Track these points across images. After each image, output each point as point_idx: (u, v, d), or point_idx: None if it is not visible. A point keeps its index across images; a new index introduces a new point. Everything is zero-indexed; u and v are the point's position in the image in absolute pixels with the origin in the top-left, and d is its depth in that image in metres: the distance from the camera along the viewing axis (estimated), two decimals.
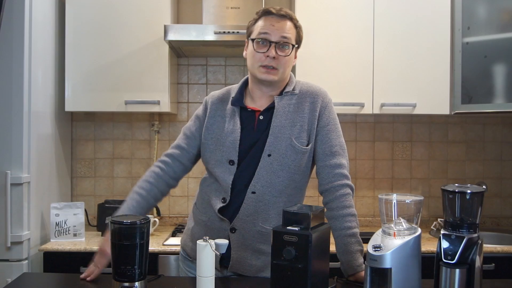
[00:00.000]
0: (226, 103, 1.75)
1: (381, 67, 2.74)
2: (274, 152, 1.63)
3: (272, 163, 1.63)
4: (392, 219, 1.35)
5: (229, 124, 1.70)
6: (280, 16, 1.65)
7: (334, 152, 1.67)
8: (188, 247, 1.78)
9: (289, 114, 1.67)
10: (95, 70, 2.73)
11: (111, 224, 1.39)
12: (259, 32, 1.65)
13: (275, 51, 1.63)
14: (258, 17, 1.69)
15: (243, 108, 1.72)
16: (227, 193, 1.66)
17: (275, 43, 1.63)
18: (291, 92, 1.70)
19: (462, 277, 1.29)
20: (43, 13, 2.59)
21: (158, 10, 2.72)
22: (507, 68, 2.63)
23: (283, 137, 1.64)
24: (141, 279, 1.40)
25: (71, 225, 2.61)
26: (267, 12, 1.67)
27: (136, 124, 3.09)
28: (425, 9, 2.74)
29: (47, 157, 2.66)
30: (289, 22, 1.67)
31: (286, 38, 1.64)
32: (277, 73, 1.65)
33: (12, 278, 2.14)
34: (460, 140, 3.13)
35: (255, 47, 1.66)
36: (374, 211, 3.10)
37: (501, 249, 2.46)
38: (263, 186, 1.63)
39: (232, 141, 1.67)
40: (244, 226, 1.65)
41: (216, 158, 1.69)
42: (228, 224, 1.66)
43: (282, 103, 1.68)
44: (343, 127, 1.64)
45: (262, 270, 1.69)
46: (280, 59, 1.64)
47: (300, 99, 1.70)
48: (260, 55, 1.64)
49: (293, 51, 1.68)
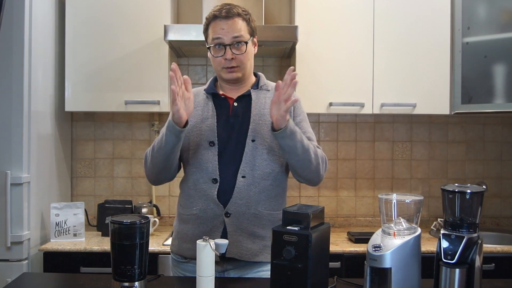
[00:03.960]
0: (199, 95, 1.84)
1: (381, 67, 2.74)
2: (258, 137, 1.73)
3: (257, 147, 1.72)
4: (392, 219, 1.35)
5: (203, 111, 1.79)
6: (226, 17, 1.71)
7: (309, 138, 1.76)
8: (182, 248, 1.78)
9: (266, 105, 1.78)
10: (95, 70, 2.73)
11: (111, 224, 1.39)
12: (212, 38, 1.74)
13: (231, 52, 1.71)
14: (208, 23, 1.77)
15: (216, 96, 1.81)
16: (216, 173, 1.71)
17: (229, 45, 1.71)
18: (265, 87, 1.83)
19: (462, 277, 1.29)
20: (43, 13, 2.59)
21: (158, 10, 2.72)
22: (507, 68, 2.63)
23: (264, 123, 1.74)
24: (141, 279, 1.40)
25: (71, 225, 2.61)
26: (214, 17, 1.74)
27: (136, 124, 3.09)
28: (425, 9, 2.74)
29: (47, 157, 2.66)
30: (237, 19, 1.72)
31: (238, 37, 1.72)
32: (239, 70, 1.75)
33: (12, 278, 2.14)
34: (460, 140, 3.13)
35: (212, 53, 1.75)
36: (374, 211, 3.10)
37: (501, 249, 2.46)
38: (251, 169, 1.71)
39: (209, 125, 1.75)
40: (239, 210, 1.71)
41: (196, 141, 1.75)
42: (222, 209, 1.71)
43: (258, 95, 1.80)
44: (343, 127, 1.65)
45: (258, 254, 1.72)
46: (238, 57, 1.73)
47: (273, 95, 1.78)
48: (219, 59, 1.74)
49: (248, 45, 1.75)
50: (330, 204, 3.09)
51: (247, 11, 1.78)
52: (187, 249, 1.76)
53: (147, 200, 3.06)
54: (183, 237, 1.77)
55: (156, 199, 3.08)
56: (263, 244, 1.73)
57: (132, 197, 3.06)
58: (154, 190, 3.06)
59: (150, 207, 2.90)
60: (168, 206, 3.09)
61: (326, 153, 3.13)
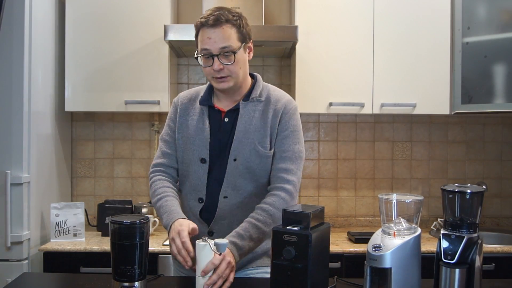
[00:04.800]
0: (195, 102, 1.77)
1: (381, 67, 2.74)
2: (239, 157, 1.66)
3: (238, 167, 1.66)
4: (392, 219, 1.35)
5: (198, 122, 1.72)
6: (214, 25, 1.61)
7: (284, 157, 1.67)
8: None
9: (253, 120, 1.68)
10: (95, 70, 2.73)
11: (111, 224, 1.39)
12: (201, 49, 1.65)
13: (219, 62, 1.62)
14: (197, 30, 1.67)
15: (211, 107, 1.74)
16: (203, 192, 1.69)
17: (217, 55, 1.62)
18: (257, 98, 1.71)
19: (462, 277, 1.29)
20: (43, 13, 2.59)
21: (158, 10, 2.72)
22: (507, 68, 2.63)
23: (247, 142, 1.66)
24: (141, 279, 1.40)
25: (71, 225, 2.61)
26: (202, 24, 1.64)
27: (136, 124, 3.09)
28: (425, 9, 2.74)
29: (47, 157, 2.66)
30: (225, 27, 1.62)
31: (226, 47, 1.61)
32: (231, 79, 1.66)
33: (12, 278, 2.14)
34: (460, 140, 3.13)
35: (201, 63, 1.67)
36: (374, 211, 3.10)
37: (501, 249, 2.46)
38: (233, 189, 1.67)
39: (202, 139, 1.69)
40: (221, 229, 1.67)
41: (188, 156, 1.71)
42: (206, 227, 1.70)
43: (247, 108, 1.70)
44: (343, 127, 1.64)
45: (245, 264, 1.69)
46: (228, 67, 1.63)
47: (265, 107, 1.71)
48: (208, 69, 1.65)
49: (237, 55, 1.64)
50: (330, 204, 3.09)
51: (239, 15, 1.66)
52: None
53: (147, 200, 3.06)
54: None
55: None
56: (252, 256, 1.69)
57: (132, 197, 3.06)
58: None
59: (150, 207, 2.89)
60: None
61: (326, 153, 3.16)
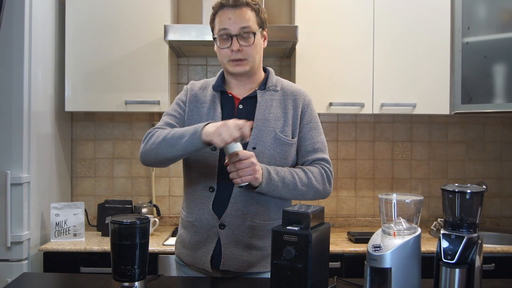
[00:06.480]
0: (207, 90, 1.74)
1: (381, 67, 2.74)
2: (259, 145, 1.62)
3: (258, 155, 1.58)
4: (392, 219, 1.35)
5: (209, 109, 1.69)
6: (234, 6, 1.61)
7: (317, 149, 1.69)
8: (183, 254, 1.75)
9: (272, 109, 1.67)
10: (95, 70, 2.73)
11: (111, 224, 1.39)
12: (219, 29, 1.63)
13: (238, 43, 1.61)
14: (215, 12, 1.66)
15: (223, 94, 1.71)
16: (214, 180, 1.63)
17: (236, 35, 1.61)
18: (273, 88, 1.70)
19: (462, 277, 1.29)
20: (43, 13, 2.59)
21: (158, 10, 2.72)
22: (507, 68, 2.63)
23: (267, 130, 1.64)
24: (141, 279, 1.39)
25: (71, 225, 2.61)
26: (221, 5, 1.63)
27: (136, 124, 3.09)
28: (425, 9, 2.74)
29: (47, 157, 2.66)
30: (245, 8, 1.62)
31: (246, 27, 1.61)
32: (247, 63, 1.65)
33: (12, 278, 2.14)
34: (460, 140, 3.13)
35: (218, 44, 1.65)
36: (374, 211, 3.10)
37: (501, 249, 2.46)
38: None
39: None
40: (234, 222, 1.62)
41: None
42: (217, 220, 1.63)
43: (264, 97, 1.68)
44: (343, 127, 1.64)
45: (255, 264, 1.65)
46: (246, 50, 1.63)
47: (282, 96, 1.70)
48: (225, 51, 1.63)
49: (257, 37, 1.64)
50: (330, 204, 3.09)
51: (257, 1, 1.66)
52: (185, 255, 1.73)
53: (147, 200, 3.06)
54: (183, 241, 1.75)
55: (156, 199, 3.08)
56: (261, 255, 1.65)
57: (132, 197, 3.06)
58: (154, 190, 3.06)
59: (150, 207, 2.90)
60: (168, 206, 3.09)
61: None
